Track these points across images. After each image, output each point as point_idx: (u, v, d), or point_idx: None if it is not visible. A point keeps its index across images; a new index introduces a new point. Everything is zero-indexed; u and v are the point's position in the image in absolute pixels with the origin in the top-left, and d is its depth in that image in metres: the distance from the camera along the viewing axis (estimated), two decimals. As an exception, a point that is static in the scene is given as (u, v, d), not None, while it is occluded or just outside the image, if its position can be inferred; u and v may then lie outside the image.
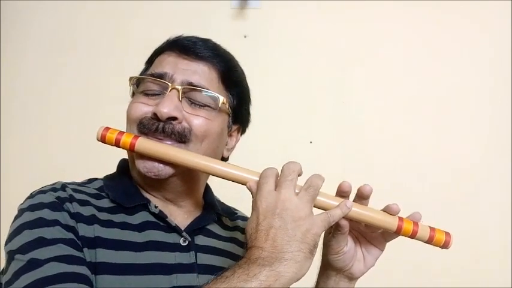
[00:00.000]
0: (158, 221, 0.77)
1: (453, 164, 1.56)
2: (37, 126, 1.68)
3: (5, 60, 1.70)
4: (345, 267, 0.76)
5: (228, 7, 1.66)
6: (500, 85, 1.58)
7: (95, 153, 1.46)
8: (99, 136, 0.76)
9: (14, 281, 0.62)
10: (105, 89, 1.65)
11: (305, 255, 0.63)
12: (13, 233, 0.68)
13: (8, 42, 1.71)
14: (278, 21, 1.66)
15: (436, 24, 1.61)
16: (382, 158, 1.58)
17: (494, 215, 1.53)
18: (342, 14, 1.64)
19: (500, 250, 1.51)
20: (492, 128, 1.57)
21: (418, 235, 0.72)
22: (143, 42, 1.66)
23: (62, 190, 0.74)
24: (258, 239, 0.63)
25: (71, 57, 1.69)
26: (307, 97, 1.62)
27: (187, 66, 0.79)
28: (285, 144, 1.58)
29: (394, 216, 0.73)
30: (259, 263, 0.60)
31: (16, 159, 1.66)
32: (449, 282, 1.46)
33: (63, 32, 1.72)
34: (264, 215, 0.65)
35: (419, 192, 1.53)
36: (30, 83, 1.71)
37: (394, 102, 1.61)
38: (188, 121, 0.77)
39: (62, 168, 1.58)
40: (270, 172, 0.69)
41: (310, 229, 0.65)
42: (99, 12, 1.71)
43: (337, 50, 1.63)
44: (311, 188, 0.68)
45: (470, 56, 1.60)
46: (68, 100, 1.68)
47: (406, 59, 1.62)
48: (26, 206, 0.71)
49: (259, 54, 1.62)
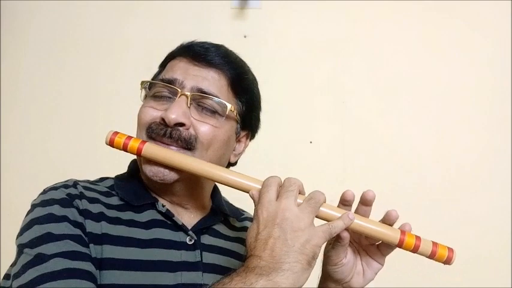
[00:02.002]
0: (165, 220, 0.78)
1: (453, 164, 1.56)
2: (37, 126, 1.68)
3: (4, 60, 1.70)
4: (343, 279, 0.76)
5: (228, 7, 1.66)
6: (500, 85, 1.58)
7: (95, 153, 1.47)
8: (108, 140, 0.78)
9: (21, 274, 0.65)
10: (106, 89, 1.65)
11: (303, 266, 0.62)
12: (24, 227, 0.70)
13: (7, 43, 1.71)
14: (278, 21, 1.66)
15: (436, 25, 1.62)
16: (382, 158, 1.58)
17: (494, 215, 1.53)
18: (342, 14, 1.65)
19: (500, 250, 1.51)
20: (492, 128, 1.57)
21: (420, 250, 0.71)
22: (143, 42, 1.68)
23: (73, 187, 0.76)
24: (257, 248, 0.64)
25: (71, 58, 1.69)
26: (307, 97, 1.62)
27: (197, 73, 0.80)
28: (285, 144, 1.58)
29: (396, 229, 0.72)
30: (256, 272, 0.61)
31: (16, 159, 1.66)
32: (449, 282, 1.46)
33: (63, 32, 1.72)
34: (264, 224, 0.65)
35: (419, 192, 1.53)
36: (30, 83, 1.71)
37: (394, 102, 1.61)
38: (195, 128, 0.78)
39: (61, 168, 1.58)
40: (272, 181, 0.69)
41: (310, 240, 0.64)
42: (99, 13, 1.71)
43: (337, 50, 1.63)
44: (312, 200, 0.68)
45: (470, 56, 1.60)
46: (68, 100, 1.68)
47: (406, 59, 1.62)
48: (38, 202, 0.73)
49: (259, 54, 1.62)
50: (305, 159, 1.56)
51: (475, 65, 1.59)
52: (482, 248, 1.49)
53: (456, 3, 1.59)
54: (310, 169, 1.52)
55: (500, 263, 1.50)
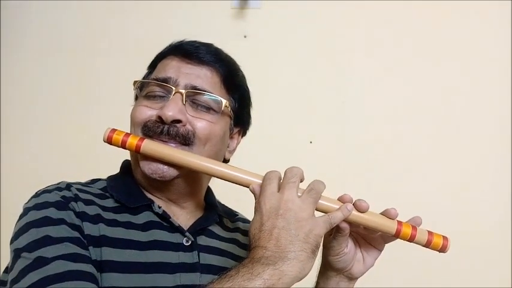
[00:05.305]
0: (162, 221, 0.78)
1: (453, 164, 1.56)
2: (36, 126, 1.68)
3: (4, 60, 1.70)
4: (345, 268, 0.78)
5: (228, 7, 1.66)
6: (500, 85, 1.58)
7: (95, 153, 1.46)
8: (106, 137, 0.78)
9: (20, 279, 0.63)
10: (106, 89, 1.65)
11: (308, 254, 0.64)
12: (19, 231, 0.69)
13: (7, 43, 1.71)
14: (278, 21, 1.66)
15: (436, 25, 1.61)
16: (382, 158, 1.58)
17: (494, 215, 1.53)
18: (341, 14, 1.64)
19: (500, 250, 1.51)
20: (493, 128, 1.57)
21: (416, 239, 0.74)
22: (143, 42, 1.68)
23: (67, 190, 0.75)
24: (262, 239, 0.65)
25: (70, 58, 1.70)
26: (307, 97, 1.62)
27: (190, 71, 0.81)
28: (285, 144, 1.58)
29: (393, 220, 0.74)
30: (262, 262, 0.62)
31: (16, 159, 1.66)
32: (449, 282, 1.46)
33: (63, 32, 1.72)
34: (267, 215, 0.66)
35: (419, 192, 1.53)
36: (29, 83, 1.71)
37: (394, 102, 1.61)
38: (192, 124, 0.78)
39: (61, 167, 1.58)
40: (273, 175, 0.71)
41: (313, 230, 0.66)
42: (98, 13, 1.71)
43: (337, 49, 1.63)
44: (313, 191, 0.70)
45: (470, 56, 1.59)
46: (68, 100, 1.68)
47: (406, 58, 1.62)
48: (31, 205, 0.72)
49: (259, 54, 1.62)
50: (305, 159, 1.56)
51: (476, 65, 1.59)
52: (482, 247, 1.49)
53: (456, 3, 1.59)
54: (310, 169, 1.52)
55: (500, 263, 1.50)
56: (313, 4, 1.64)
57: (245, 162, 0.92)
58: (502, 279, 1.48)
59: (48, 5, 1.73)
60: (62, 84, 1.70)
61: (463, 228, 1.41)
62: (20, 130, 1.67)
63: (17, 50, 1.72)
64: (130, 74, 0.85)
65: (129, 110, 0.84)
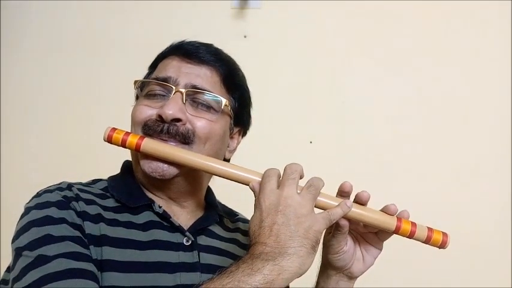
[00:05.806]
0: (162, 221, 0.79)
1: (453, 164, 1.56)
2: (36, 126, 1.68)
3: (4, 60, 1.70)
4: (345, 267, 0.78)
5: (228, 7, 1.66)
6: (500, 86, 1.58)
7: (95, 153, 1.46)
8: (106, 136, 0.78)
9: (22, 277, 0.64)
10: (106, 89, 1.65)
11: (307, 250, 0.65)
12: (20, 230, 0.69)
13: (7, 43, 1.71)
14: (278, 21, 1.66)
15: (436, 25, 1.62)
16: (382, 157, 1.58)
17: (494, 215, 1.53)
18: (342, 14, 1.65)
19: (500, 250, 1.51)
20: (493, 128, 1.57)
21: (415, 235, 0.73)
22: (143, 42, 1.68)
23: (68, 189, 0.75)
24: (262, 235, 0.65)
25: (70, 58, 1.70)
26: (307, 97, 1.63)
27: (190, 70, 0.81)
28: (285, 144, 1.58)
29: (392, 216, 0.74)
30: (262, 257, 0.62)
31: (16, 159, 1.66)
32: (449, 282, 1.46)
33: (63, 32, 1.72)
34: (267, 212, 0.67)
35: (419, 192, 1.53)
36: (29, 83, 1.71)
37: (394, 102, 1.61)
38: (192, 123, 0.79)
39: (61, 167, 1.58)
40: (273, 172, 0.71)
41: (312, 226, 0.66)
42: (99, 13, 1.71)
43: (337, 49, 1.64)
44: (312, 187, 0.70)
45: (470, 56, 1.60)
46: (68, 100, 1.68)
47: (406, 58, 1.62)
48: (33, 205, 0.72)
49: (259, 54, 1.62)
50: (305, 159, 1.56)
51: (476, 64, 1.59)
52: (482, 247, 1.49)
53: (457, 3, 1.59)
54: (310, 169, 1.52)
55: (500, 263, 1.50)
56: (313, 4, 1.64)
57: (245, 162, 0.92)
58: (502, 279, 1.48)
59: (48, 5, 1.73)
60: (62, 84, 1.70)
61: (463, 228, 1.41)
62: (20, 130, 1.67)
63: (17, 50, 1.72)
64: (130, 74, 0.86)
65: (129, 110, 0.84)
